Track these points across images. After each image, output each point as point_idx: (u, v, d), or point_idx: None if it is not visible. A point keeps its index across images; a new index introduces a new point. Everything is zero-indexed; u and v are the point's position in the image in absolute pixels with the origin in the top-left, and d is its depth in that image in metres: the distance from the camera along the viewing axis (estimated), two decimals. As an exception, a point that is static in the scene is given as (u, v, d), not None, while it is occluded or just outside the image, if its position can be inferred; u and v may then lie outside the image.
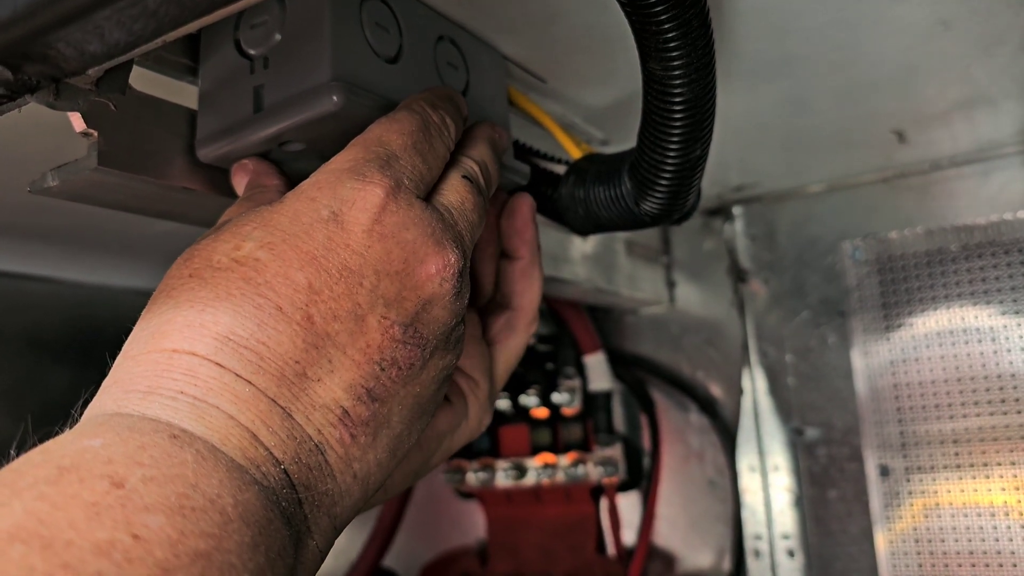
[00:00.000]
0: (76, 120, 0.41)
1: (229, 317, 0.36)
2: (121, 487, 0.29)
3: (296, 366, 0.37)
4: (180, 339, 0.36)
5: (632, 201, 0.59)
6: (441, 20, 0.55)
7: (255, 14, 0.48)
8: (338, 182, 0.40)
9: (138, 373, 0.36)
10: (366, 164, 0.41)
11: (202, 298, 0.37)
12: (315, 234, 0.38)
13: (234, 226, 0.39)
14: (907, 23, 0.63)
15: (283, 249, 0.38)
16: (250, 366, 0.36)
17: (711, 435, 1.13)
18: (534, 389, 1.14)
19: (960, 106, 0.81)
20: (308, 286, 0.38)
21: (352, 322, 0.38)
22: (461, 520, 1.29)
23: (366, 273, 0.39)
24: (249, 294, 0.37)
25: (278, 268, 0.38)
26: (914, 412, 0.96)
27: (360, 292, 0.38)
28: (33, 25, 0.30)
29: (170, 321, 0.37)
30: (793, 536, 1.05)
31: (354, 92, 0.44)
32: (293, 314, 0.37)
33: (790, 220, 1.09)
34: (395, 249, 0.40)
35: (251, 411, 0.35)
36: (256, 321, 0.37)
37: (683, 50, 0.45)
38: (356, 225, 0.39)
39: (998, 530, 0.91)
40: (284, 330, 0.37)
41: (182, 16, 0.31)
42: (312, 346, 0.37)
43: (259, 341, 0.36)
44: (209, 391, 0.35)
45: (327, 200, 0.39)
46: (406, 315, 0.40)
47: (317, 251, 0.38)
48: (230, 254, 0.38)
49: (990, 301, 0.93)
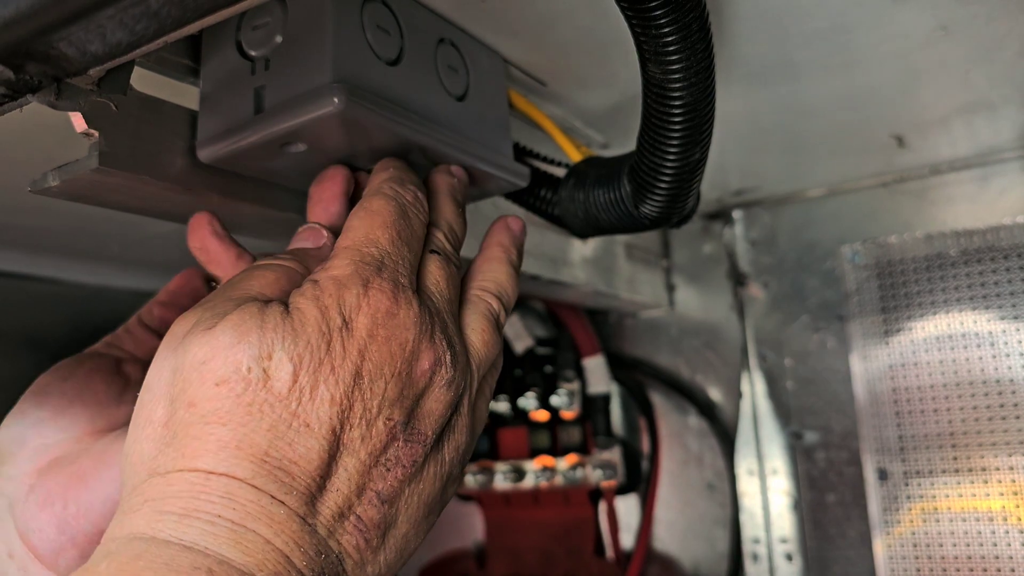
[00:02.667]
0: (77, 120, 0.41)
1: (262, 437, 0.37)
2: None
3: (320, 480, 0.37)
4: (216, 461, 0.36)
5: (631, 204, 0.59)
6: (442, 23, 0.55)
7: (257, 16, 0.48)
8: (345, 290, 0.40)
9: (171, 493, 0.36)
10: (365, 269, 0.41)
11: (233, 416, 0.37)
12: (334, 344, 0.39)
13: (257, 325, 0.39)
14: (907, 28, 0.63)
15: (309, 361, 0.38)
16: (283, 487, 0.36)
17: (710, 438, 1.13)
18: (533, 392, 1.14)
19: (960, 111, 0.81)
20: (331, 399, 0.38)
21: (364, 427, 0.39)
22: (459, 522, 1.28)
23: (375, 378, 0.39)
24: (280, 412, 0.37)
25: (307, 381, 0.38)
26: (913, 416, 0.96)
27: (371, 397, 0.39)
28: (35, 25, 0.30)
29: (200, 438, 0.37)
30: (791, 540, 1.05)
31: (355, 94, 0.44)
32: (319, 429, 0.37)
33: (790, 224, 1.09)
34: (397, 351, 0.40)
35: (285, 533, 0.35)
36: (288, 440, 0.37)
37: (682, 54, 0.45)
38: (365, 331, 0.40)
39: (996, 535, 0.92)
40: (312, 447, 0.37)
41: (184, 17, 0.31)
42: (332, 457, 0.38)
43: (291, 460, 0.37)
44: (247, 516, 0.35)
45: (337, 310, 0.40)
46: (405, 413, 0.41)
47: (336, 362, 0.39)
48: (260, 363, 0.38)
49: (989, 306, 0.93)
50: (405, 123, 0.48)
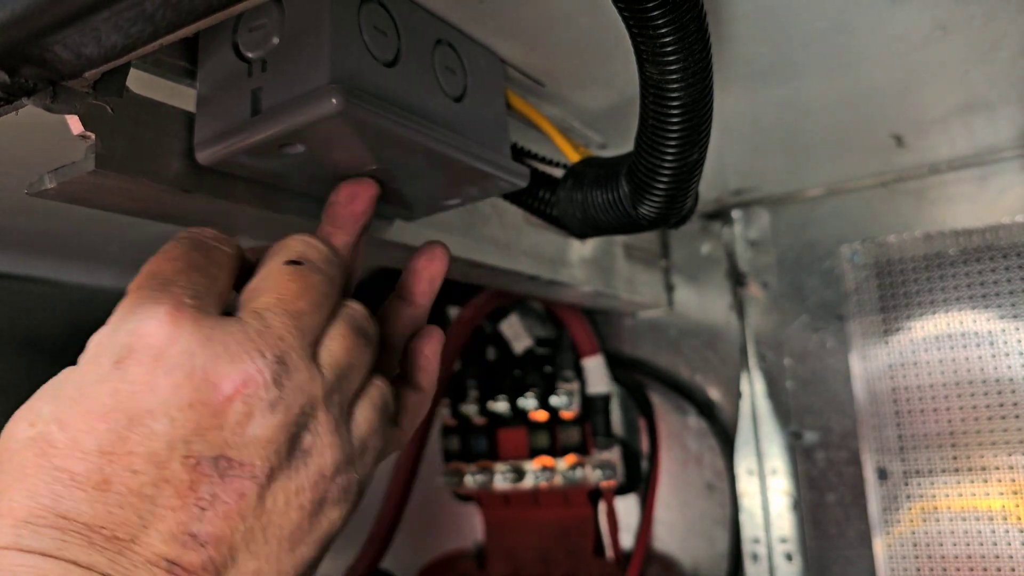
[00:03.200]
0: (74, 123, 0.41)
1: (25, 498, 0.35)
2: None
3: (103, 531, 0.35)
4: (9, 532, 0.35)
5: (629, 205, 0.59)
6: (439, 24, 0.55)
7: (254, 17, 0.48)
8: (115, 329, 0.38)
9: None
10: (140, 301, 0.38)
11: (27, 475, 0.36)
12: (100, 392, 0.37)
13: (32, 401, 0.38)
14: (905, 28, 0.63)
15: (70, 416, 0.36)
16: (55, 543, 0.34)
17: (709, 439, 1.13)
18: (532, 392, 1.14)
19: (958, 111, 0.81)
20: (98, 449, 0.36)
21: (154, 471, 0.36)
22: (459, 523, 1.29)
23: (157, 416, 0.36)
24: (44, 468, 0.35)
25: (67, 438, 0.36)
26: (912, 416, 0.96)
27: (154, 439, 0.36)
28: (30, 28, 0.30)
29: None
30: (791, 540, 1.05)
31: (354, 94, 0.44)
32: (87, 480, 0.35)
33: (789, 224, 1.09)
34: (183, 380, 0.37)
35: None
36: (52, 496, 0.35)
37: (680, 54, 0.45)
38: (138, 367, 0.37)
39: (996, 534, 0.91)
40: (82, 498, 0.35)
41: (179, 20, 0.31)
42: (117, 506, 0.35)
43: (58, 515, 0.35)
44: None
45: (108, 351, 0.37)
46: (212, 447, 0.37)
47: (103, 410, 0.36)
48: (26, 432, 0.37)
49: (988, 305, 0.93)
50: (405, 123, 0.48)
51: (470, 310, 1.15)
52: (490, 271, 0.80)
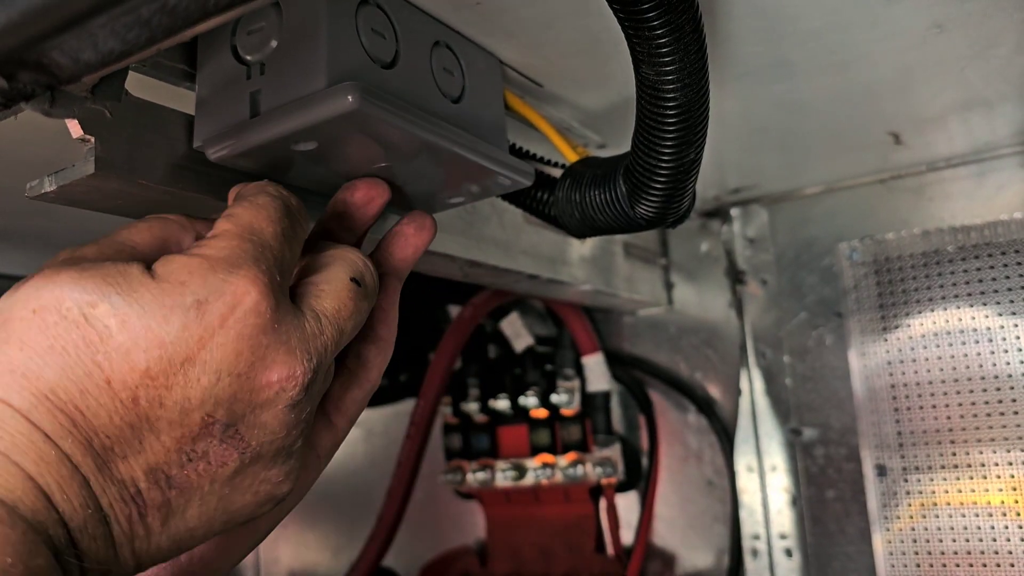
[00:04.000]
0: (73, 126, 0.42)
1: (55, 374, 0.35)
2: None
3: (106, 440, 0.36)
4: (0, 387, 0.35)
5: (627, 204, 0.59)
6: (437, 25, 0.56)
7: (252, 20, 0.48)
8: (211, 271, 0.38)
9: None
10: (241, 256, 0.40)
11: (34, 345, 0.36)
12: (173, 320, 0.37)
13: (101, 275, 0.38)
14: (902, 26, 0.63)
15: (135, 325, 0.37)
16: (60, 430, 0.35)
17: (709, 435, 1.13)
18: (533, 390, 1.14)
19: (956, 108, 0.81)
20: (145, 370, 0.37)
21: (177, 413, 0.37)
22: (460, 520, 1.29)
23: (208, 370, 0.38)
24: (84, 359, 0.36)
25: (122, 343, 0.36)
26: (911, 412, 0.96)
27: (194, 388, 0.37)
28: (27, 33, 0.31)
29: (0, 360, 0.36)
30: (791, 536, 1.06)
31: (369, 92, 0.44)
32: (120, 392, 0.36)
33: (787, 222, 1.09)
34: (246, 351, 0.38)
35: (51, 475, 0.34)
36: (80, 388, 0.36)
37: (675, 55, 0.46)
38: (216, 320, 0.38)
39: (995, 530, 0.92)
40: (106, 404, 0.36)
41: (175, 25, 0.31)
42: (128, 425, 0.37)
43: (76, 407, 0.36)
44: (12, 446, 0.34)
45: (195, 287, 0.38)
46: (233, 415, 0.39)
47: (168, 337, 0.37)
48: (82, 307, 0.37)
49: (987, 302, 0.93)
50: (417, 121, 0.48)
51: (471, 309, 1.16)
52: (490, 270, 0.80)
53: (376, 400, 1.33)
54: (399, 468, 1.20)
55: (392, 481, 1.20)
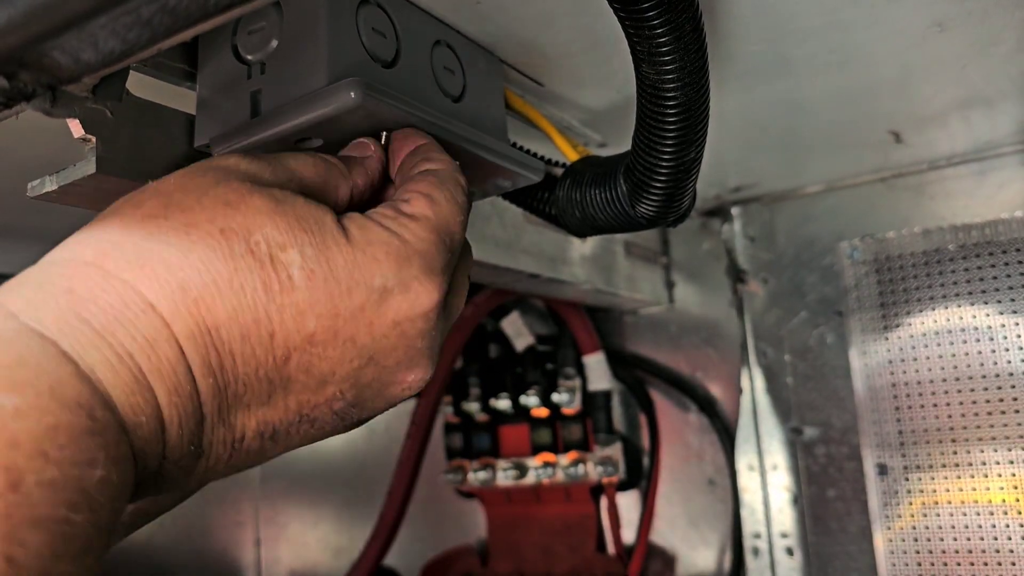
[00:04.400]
0: (74, 126, 0.42)
1: (225, 313, 0.34)
2: (15, 491, 0.27)
3: (241, 388, 0.36)
4: (168, 302, 0.34)
5: (628, 203, 0.59)
6: (438, 25, 0.56)
7: (253, 20, 0.48)
8: (407, 262, 0.39)
9: (103, 305, 0.33)
10: (436, 258, 0.40)
11: (215, 271, 0.34)
12: (355, 296, 0.37)
13: (296, 216, 0.37)
14: (902, 25, 0.63)
15: (318, 287, 0.36)
16: (206, 369, 0.34)
17: (710, 434, 1.13)
18: (534, 389, 1.14)
19: (956, 107, 0.81)
20: (311, 335, 0.36)
21: (316, 382, 0.37)
22: (462, 519, 1.29)
23: (364, 355, 0.38)
24: (259, 304, 0.35)
25: (301, 299, 0.36)
26: (912, 411, 0.96)
27: (344, 365, 0.38)
28: (28, 33, 0.31)
29: (176, 270, 0.34)
30: (792, 535, 1.06)
31: (372, 87, 0.44)
32: (278, 348, 0.36)
33: (788, 220, 1.09)
34: (402, 350, 0.39)
35: (177, 408, 0.34)
36: (243, 333, 0.35)
37: (675, 54, 0.46)
38: (392, 313, 0.38)
39: (996, 528, 0.92)
40: (259, 356, 0.36)
41: (176, 25, 0.31)
42: (269, 381, 0.36)
43: (231, 352, 0.35)
44: (156, 373, 0.33)
45: (388, 272, 0.38)
46: (360, 397, 0.39)
47: (344, 311, 0.37)
48: (272, 247, 0.36)
49: (988, 300, 0.93)
50: (424, 115, 0.48)
51: (471, 308, 1.16)
52: (491, 269, 0.80)
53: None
54: (400, 467, 1.20)
55: (393, 480, 1.20)
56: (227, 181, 0.37)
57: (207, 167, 0.38)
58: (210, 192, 0.36)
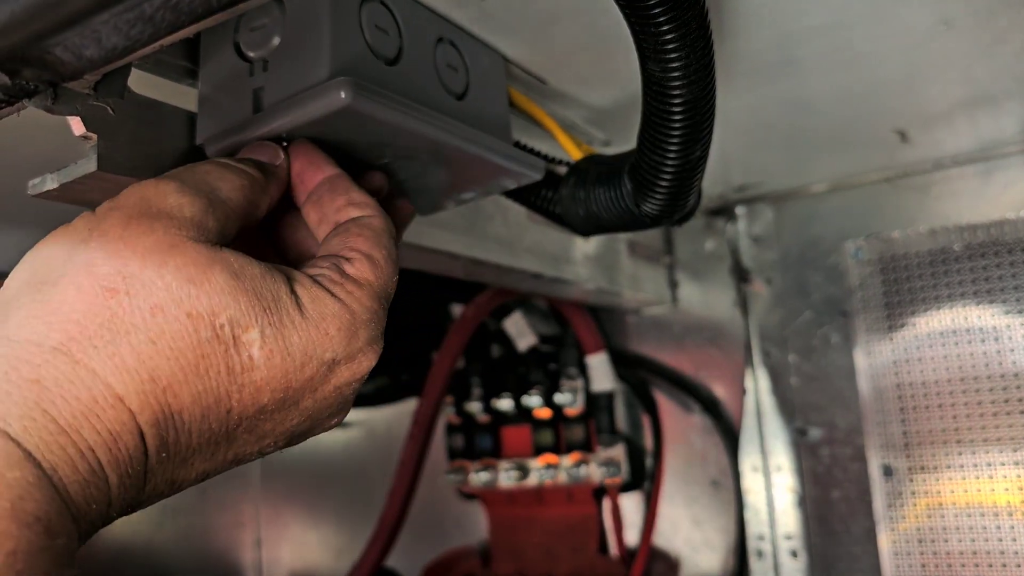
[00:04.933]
0: (75, 124, 0.41)
1: (190, 397, 0.35)
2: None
3: (189, 453, 0.37)
4: (137, 394, 0.34)
5: (632, 202, 0.59)
6: (441, 22, 0.55)
7: (255, 17, 0.48)
8: (354, 335, 0.40)
9: (70, 399, 0.33)
10: (379, 326, 0.42)
11: (181, 357, 0.35)
12: (307, 370, 0.39)
13: (255, 292, 0.37)
14: (908, 23, 0.62)
15: (276, 365, 0.37)
16: (160, 445, 0.35)
17: (714, 435, 1.12)
18: (537, 390, 1.14)
19: (962, 106, 0.81)
20: (263, 406, 0.38)
21: (257, 438, 0.40)
22: (463, 521, 1.29)
23: (304, 415, 0.40)
24: (221, 386, 0.36)
25: (259, 378, 0.37)
26: (917, 412, 0.96)
27: (285, 424, 0.40)
28: (30, 30, 0.30)
29: (146, 360, 0.35)
30: (796, 536, 1.05)
31: (362, 87, 0.44)
32: (231, 420, 0.37)
33: (793, 220, 1.09)
34: (336, 405, 0.42)
35: (117, 473, 0.34)
36: (204, 412, 0.36)
37: (682, 52, 0.45)
38: (336, 380, 0.40)
39: (1001, 530, 0.91)
40: (215, 427, 0.37)
41: (178, 21, 0.31)
42: (216, 443, 0.38)
43: (188, 429, 0.36)
44: (103, 446, 0.33)
45: (338, 347, 0.40)
46: (288, 442, 0.42)
47: (295, 383, 0.38)
48: (235, 327, 0.36)
49: (993, 301, 0.93)
50: (415, 116, 0.48)
51: (473, 308, 1.15)
52: (494, 269, 0.80)
53: (378, 400, 1.33)
54: (401, 468, 1.19)
55: (394, 481, 1.19)
56: (182, 245, 0.37)
57: (151, 215, 0.37)
58: (169, 263, 0.36)
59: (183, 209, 0.38)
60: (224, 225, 0.40)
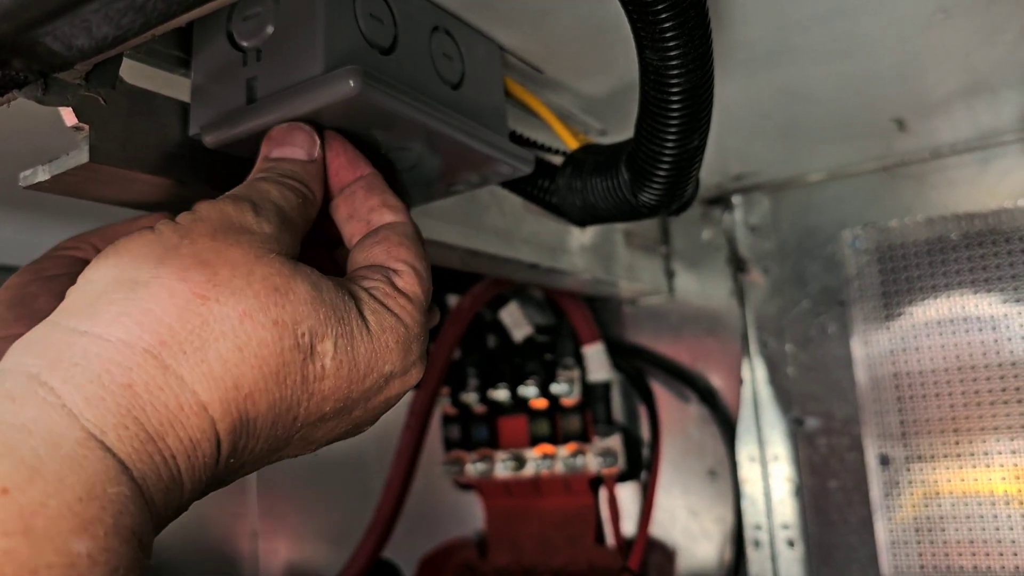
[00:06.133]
0: (67, 115, 0.41)
1: (266, 405, 0.36)
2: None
3: (250, 457, 0.38)
4: (220, 402, 0.35)
5: (630, 192, 0.59)
6: (436, 10, 0.55)
7: (247, 6, 0.48)
8: (408, 350, 0.42)
9: (159, 406, 0.34)
10: (426, 340, 0.43)
11: (263, 365, 0.36)
12: (367, 382, 0.40)
13: (332, 305, 0.39)
14: (907, 11, 0.62)
15: (343, 376, 0.39)
16: (232, 449, 0.36)
17: (711, 425, 1.12)
18: (533, 380, 1.13)
19: (960, 94, 0.81)
20: (323, 415, 0.39)
21: (307, 443, 0.42)
22: (460, 511, 1.28)
23: (352, 423, 0.42)
24: (295, 395, 0.37)
25: (327, 388, 0.38)
26: (914, 401, 0.96)
27: (334, 432, 0.42)
28: (19, 20, 0.30)
29: (231, 367, 0.35)
30: (793, 526, 1.05)
31: (371, 77, 0.43)
32: (295, 427, 0.39)
33: (790, 209, 1.08)
34: (379, 414, 0.44)
35: (193, 477, 0.35)
36: (275, 419, 0.37)
37: (680, 40, 0.45)
38: (388, 392, 0.42)
39: (998, 519, 0.91)
40: (280, 434, 0.38)
41: (169, 10, 0.30)
42: (273, 450, 0.39)
43: (258, 436, 0.37)
44: (185, 456, 0.34)
45: (395, 360, 0.41)
46: (325, 446, 0.44)
47: (355, 395, 0.40)
48: (313, 339, 0.37)
49: (990, 289, 0.93)
50: (419, 106, 0.47)
51: (469, 298, 1.15)
52: (490, 259, 0.80)
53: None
54: (398, 459, 1.19)
55: (391, 472, 1.19)
56: (267, 257, 0.38)
57: (235, 229, 0.38)
58: (256, 272, 0.37)
59: (263, 225, 0.40)
60: (294, 242, 0.41)
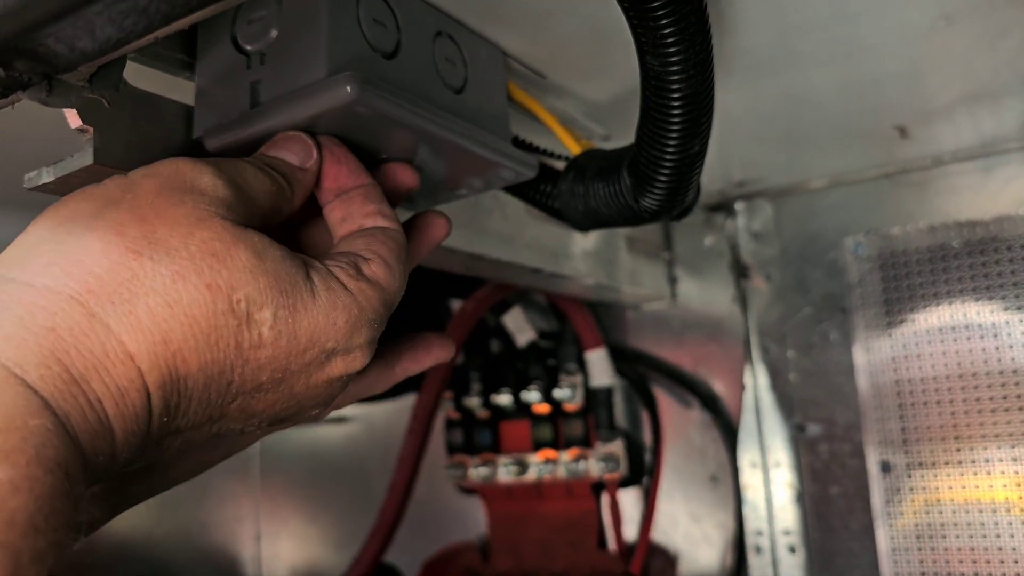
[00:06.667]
0: (71, 116, 0.41)
1: (197, 365, 0.36)
2: (15, 571, 0.29)
3: (184, 422, 0.38)
4: (148, 354, 0.35)
5: (631, 197, 0.59)
6: (439, 15, 0.55)
7: (252, 9, 0.48)
8: (356, 330, 0.41)
9: (83, 351, 0.34)
10: (379, 329, 0.43)
11: (195, 324, 0.36)
12: (307, 355, 0.40)
13: (275, 275, 0.38)
14: (909, 18, 0.62)
15: (281, 346, 0.38)
16: (163, 409, 0.36)
17: (712, 431, 1.12)
18: (536, 385, 1.13)
19: (963, 101, 0.81)
20: (260, 385, 0.39)
21: (246, 416, 0.41)
22: (462, 516, 1.28)
23: (293, 400, 0.41)
24: (228, 360, 0.37)
25: (264, 356, 0.38)
26: (916, 408, 0.96)
27: (275, 407, 0.41)
28: (22, 22, 0.30)
29: (160, 322, 0.35)
30: (794, 532, 1.05)
31: (368, 83, 0.43)
32: (230, 394, 0.38)
33: (792, 216, 1.08)
34: (324, 397, 0.43)
35: (124, 430, 0.35)
36: (207, 382, 0.37)
37: (681, 45, 0.45)
38: (330, 371, 0.41)
39: (999, 526, 0.91)
40: (214, 399, 0.38)
41: (173, 12, 0.30)
42: (209, 417, 0.39)
43: (190, 398, 0.37)
44: (113, 404, 0.34)
45: (340, 338, 0.40)
46: (271, 424, 0.43)
47: (294, 367, 0.39)
48: (251, 305, 0.37)
49: (992, 297, 0.93)
50: (419, 111, 0.47)
51: (472, 303, 1.15)
52: (492, 264, 0.80)
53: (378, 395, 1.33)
54: (401, 463, 1.19)
55: (394, 476, 1.19)
56: (210, 220, 0.38)
57: (183, 189, 0.38)
58: (196, 234, 0.37)
59: (216, 189, 0.39)
60: (248, 218, 0.41)
